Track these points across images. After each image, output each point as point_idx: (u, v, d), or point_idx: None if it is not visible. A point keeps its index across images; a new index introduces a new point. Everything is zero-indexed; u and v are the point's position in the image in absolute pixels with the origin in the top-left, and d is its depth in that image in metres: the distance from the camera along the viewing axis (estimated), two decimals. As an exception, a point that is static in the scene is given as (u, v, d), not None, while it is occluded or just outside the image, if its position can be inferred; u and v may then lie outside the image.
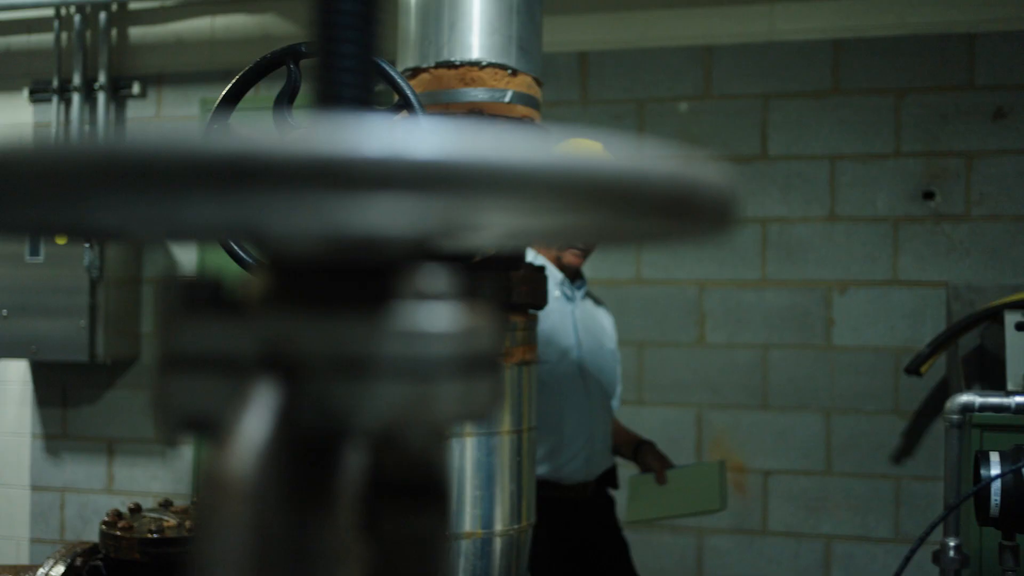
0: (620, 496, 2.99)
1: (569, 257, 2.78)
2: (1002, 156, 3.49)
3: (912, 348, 3.43)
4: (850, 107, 3.61)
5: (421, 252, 0.46)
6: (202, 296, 0.46)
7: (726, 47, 3.71)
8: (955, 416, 1.20)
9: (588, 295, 2.95)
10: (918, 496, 3.49)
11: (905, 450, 3.53)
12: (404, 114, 1.47)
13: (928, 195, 3.55)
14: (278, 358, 0.43)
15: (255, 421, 0.41)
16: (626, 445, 2.98)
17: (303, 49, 1.48)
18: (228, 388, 0.44)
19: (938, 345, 3.27)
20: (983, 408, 1.20)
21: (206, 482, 0.42)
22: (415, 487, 0.54)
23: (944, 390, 3.44)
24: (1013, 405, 1.19)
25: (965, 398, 1.21)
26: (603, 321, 2.96)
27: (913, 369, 3.29)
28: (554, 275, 2.76)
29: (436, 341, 0.44)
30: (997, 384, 2.94)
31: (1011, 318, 3.06)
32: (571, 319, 2.80)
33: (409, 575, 0.55)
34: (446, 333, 0.44)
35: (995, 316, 3.14)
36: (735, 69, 3.72)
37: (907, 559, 1.22)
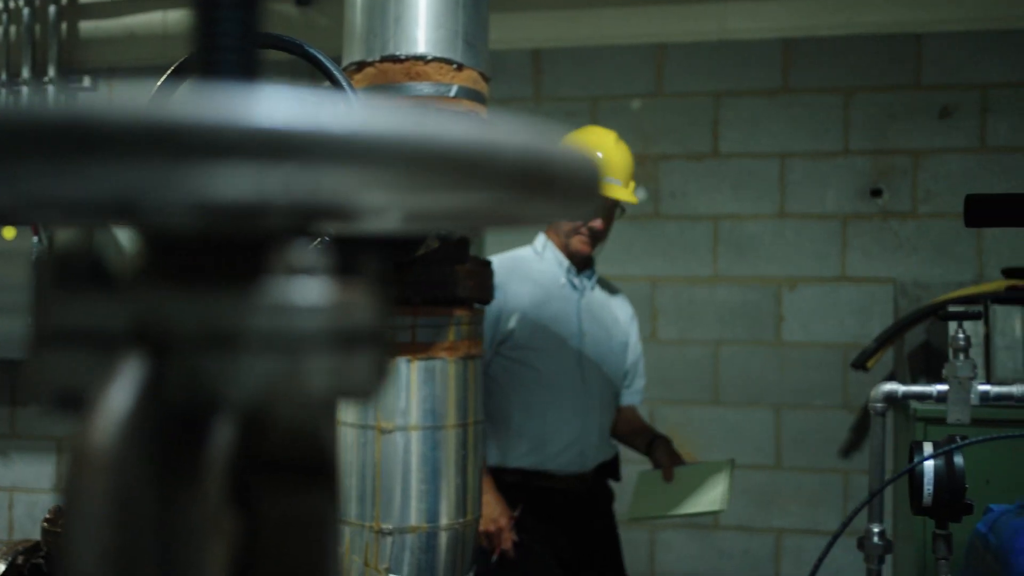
0: (621, 488, 2.96)
1: (576, 244, 2.73)
2: (948, 154, 3.55)
3: (860, 344, 3.48)
4: (800, 105, 3.65)
5: (295, 227, 0.46)
6: (77, 271, 0.46)
7: (678, 45, 3.74)
8: (879, 405, 1.22)
9: (604, 285, 2.91)
10: (866, 489, 3.52)
11: (853, 444, 3.57)
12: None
13: (876, 193, 3.60)
14: (147, 332, 0.43)
15: (120, 394, 0.41)
16: (641, 439, 2.90)
17: (239, 40, 1.47)
18: (99, 363, 0.44)
19: (884, 340, 3.32)
20: (906, 396, 1.22)
21: (70, 456, 0.41)
22: (299, 466, 0.54)
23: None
24: (935, 393, 1.21)
25: (888, 387, 1.23)
26: (616, 313, 2.89)
27: (860, 364, 3.34)
28: (560, 263, 2.77)
29: (305, 315, 0.44)
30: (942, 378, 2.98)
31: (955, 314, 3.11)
32: (575, 308, 2.76)
33: (294, 555, 0.55)
34: (315, 307, 0.44)
35: (940, 312, 3.18)
36: (687, 67, 3.74)
37: (829, 545, 1.24)
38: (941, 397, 1.21)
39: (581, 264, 2.79)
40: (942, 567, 1.68)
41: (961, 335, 1.20)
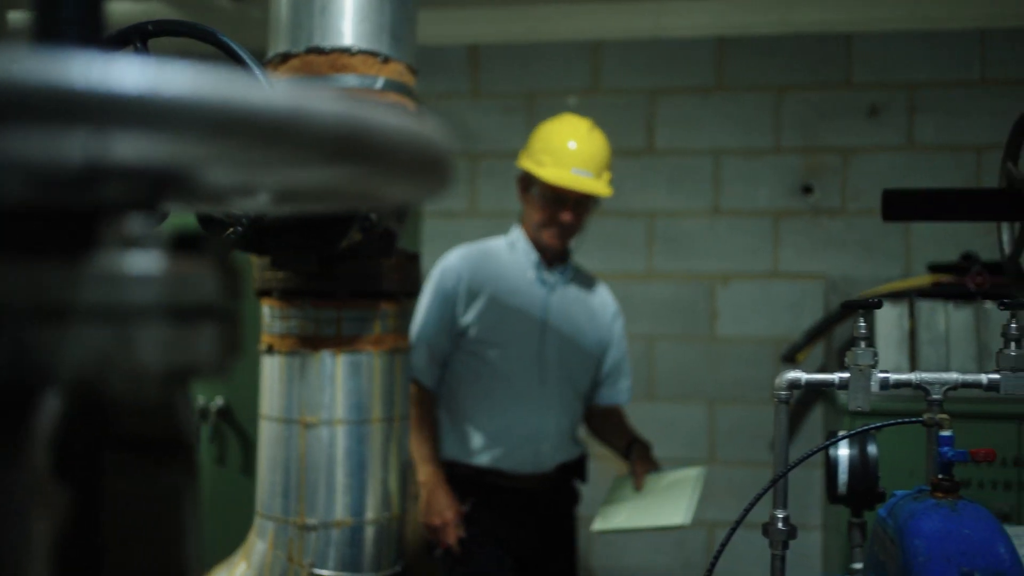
0: (593, 490, 2.92)
1: (546, 237, 2.61)
2: (877, 152, 3.61)
3: (792, 339, 3.53)
4: (733, 103, 3.69)
5: (130, 199, 0.46)
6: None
7: (614, 42, 3.76)
8: (783, 392, 1.24)
9: (584, 280, 2.79)
10: (795, 482, 3.57)
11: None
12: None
13: (807, 190, 3.65)
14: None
15: (-61, 366, 0.41)
16: (620, 442, 2.78)
17: (150, 28, 1.45)
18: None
19: (813, 335, 3.37)
20: (808, 384, 1.24)
21: None
22: (150, 442, 0.53)
23: (821, 379, 3.54)
24: (837, 380, 1.24)
25: (792, 375, 1.25)
26: (595, 309, 2.76)
27: (789, 358, 3.38)
28: (529, 257, 2.66)
29: (137, 287, 0.43)
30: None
31: (882, 310, 3.17)
32: (541, 304, 2.64)
33: (145, 531, 0.54)
34: (147, 279, 0.43)
35: (843, 302, 3.24)
36: (623, 64, 3.77)
37: (731, 532, 1.26)
38: (842, 384, 1.23)
39: (553, 258, 2.69)
40: (856, 554, 1.71)
41: (862, 324, 1.23)
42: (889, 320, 3.16)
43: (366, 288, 2.07)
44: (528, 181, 2.64)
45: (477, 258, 2.67)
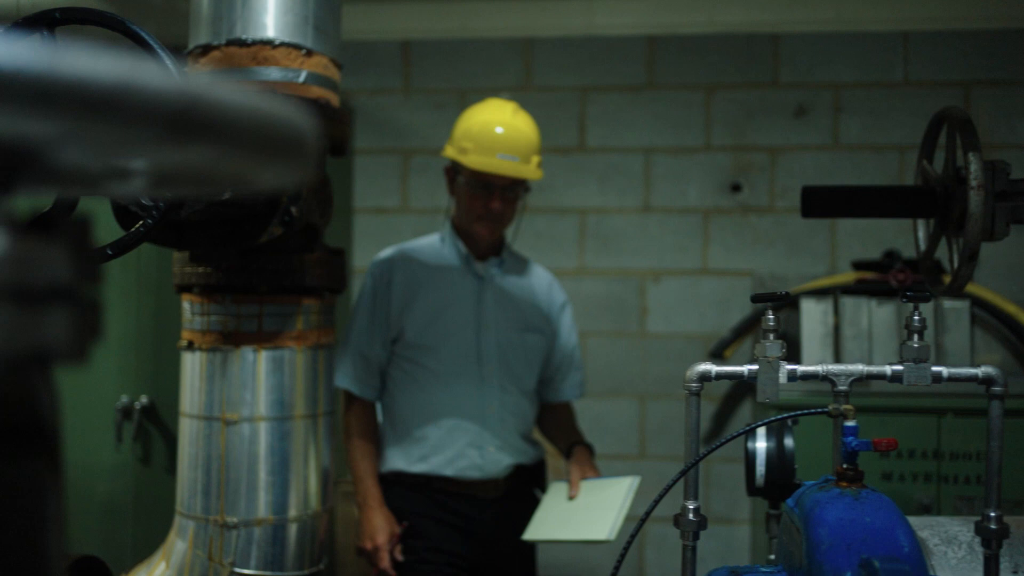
0: None
1: (476, 228, 2.49)
2: (803, 151, 3.67)
3: (720, 335, 3.57)
4: (664, 101, 3.73)
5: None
6: None
7: (546, 40, 3.77)
8: (693, 384, 1.25)
9: (523, 270, 2.65)
10: (725, 477, 3.63)
11: (714, 433, 3.67)
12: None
13: (736, 188, 3.70)
14: None
15: None
16: (563, 442, 2.63)
17: (57, 15, 1.42)
18: None
19: (740, 331, 3.41)
20: (719, 376, 1.25)
21: None
22: (5, 430, 0.51)
23: (749, 375, 3.59)
24: (746, 373, 1.25)
25: (702, 368, 1.26)
26: (537, 300, 2.62)
27: (717, 354, 3.43)
28: (458, 250, 2.54)
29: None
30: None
31: (807, 305, 3.23)
32: (473, 298, 2.52)
33: (2, 521, 0.52)
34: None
35: (794, 303, 3.29)
36: (555, 62, 3.78)
37: (641, 522, 1.27)
38: (751, 376, 1.25)
39: (487, 250, 2.57)
40: (774, 546, 1.74)
41: (770, 317, 1.24)
42: (814, 316, 3.21)
43: (288, 283, 2.05)
44: (455, 171, 2.53)
45: (406, 258, 2.55)
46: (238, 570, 2.01)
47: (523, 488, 2.58)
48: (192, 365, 2.09)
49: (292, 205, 1.89)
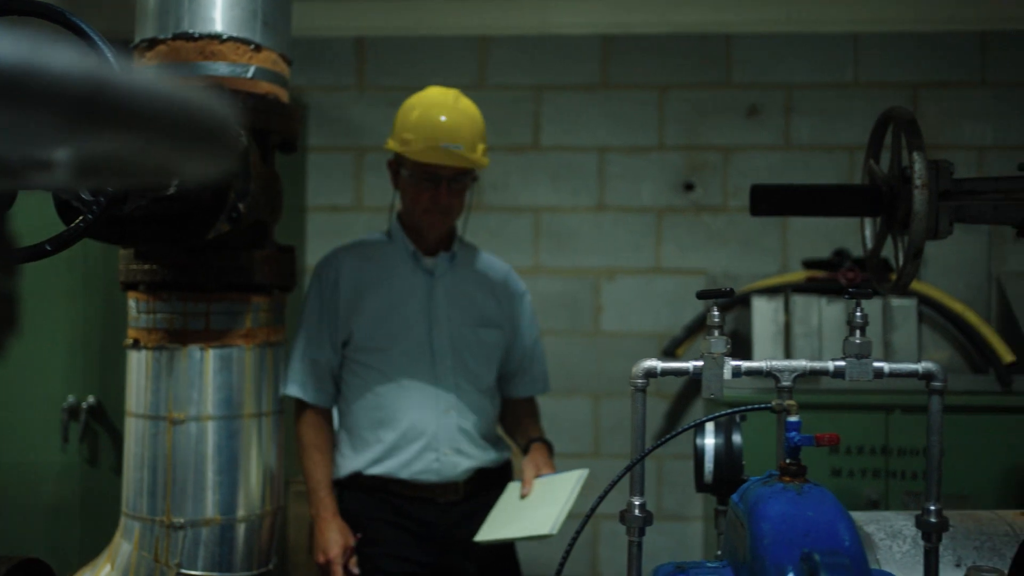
0: None
1: (424, 221, 2.41)
2: (755, 151, 3.70)
3: (674, 333, 3.59)
4: (618, 101, 3.74)
5: None
6: None
7: (501, 38, 3.77)
8: (639, 381, 1.26)
9: (475, 263, 2.55)
10: (678, 474, 3.65)
11: (667, 430, 3.69)
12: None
13: (689, 187, 3.72)
14: None
15: None
16: (522, 440, 2.55)
17: (-5, 5, 1.39)
18: None
19: (693, 329, 3.44)
20: (664, 372, 1.26)
21: None
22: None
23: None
24: (691, 369, 1.26)
25: (648, 364, 1.26)
26: (495, 292, 2.52)
27: (670, 352, 3.45)
28: (404, 247, 2.45)
29: None
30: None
31: (758, 303, 3.25)
32: (423, 295, 2.43)
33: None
34: None
35: (745, 301, 3.32)
36: (509, 60, 3.78)
37: (587, 518, 1.27)
38: (696, 372, 1.25)
39: (437, 244, 2.47)
40: (722, 542, 1.75)
41: (715, 314, 1.25)
42: (765, 315, 3.24)
43: (236, 281, 2.02)
44: (398, 164, 2.43)
45: (352, 257, 2.46)
46: (185, 571, 1.99)
47: (486, 491, 2.45)
48: (138, 364, 2.06)
49: (240, 201, 1.87)
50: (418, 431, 2.38)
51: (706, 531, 3.63)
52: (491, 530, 2.32)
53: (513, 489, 2.41)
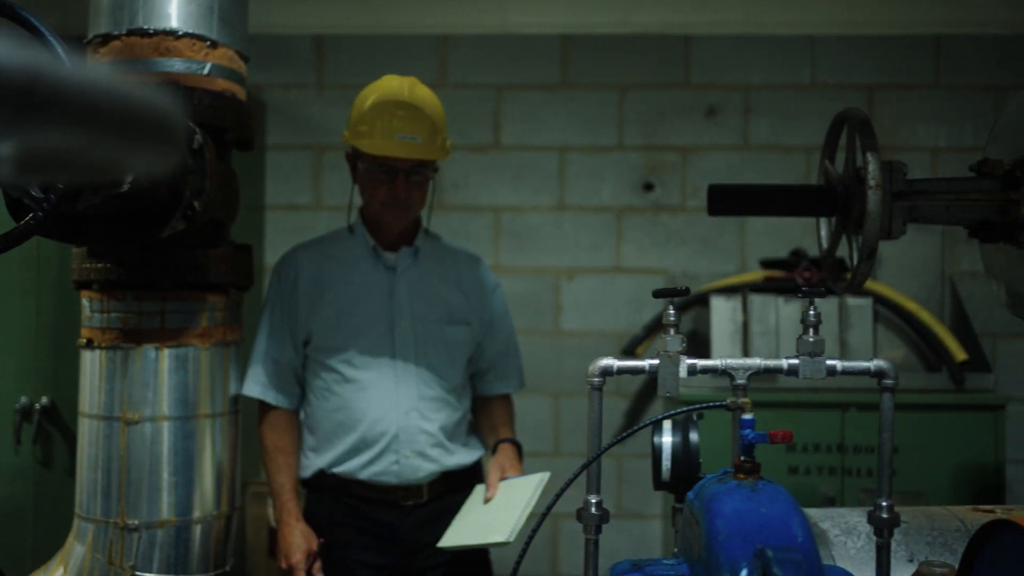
0: None
1: (384, 216, 2.32)
2: (713, 151, 3.73)
3: (634, 332, 3.61)
4: (578, 101, 3.75)
5: None
6: None
7: (462, 37, 3.76)
8: (596, 379, 1.26)
9: (442, 256, 2.45)
10: (637, 472, 3.67)
11: (626, 429, 3.70)
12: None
13: (648, 187, 3.74)
14: None
15: None
16: (492, 440, 2.45)
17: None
18: None
19: (652, 328, 3.46)
20: (620, 371, 1.27)
21: None
22: None
23: (661, 371, 3.63)
24: (647, 367, 1.27)
25: (605, 362, 1.27)
26: (464, 286, 2.42)
27: (630, 351, 3.46)
28: (365, 242, 2.36)
29: None
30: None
31: (716, 303, 3.28)
32: (384, 292, 2.34)
33: None
34: None
35: (704, 301, 3.35)
36: (470, 59, 3.77)
37: (543, 515, 1.27)
38: (653, 371, 1.26)
39: (399, 239, 2.37)
40: (678, 539, 1.76)
41: (671, 312, 1.26)
42: (724, 314, 3.27)
43: (191, 279, 2.00)
44: (356, 157, 2.33)
45: (311, 254, 2.38)
46: (140, 574, 1.96)
47: (453, 493, 2.36)
48: (92, 364, 2.03)
49: (195, 199, 1.85)
50: (378, 433, 2.29)
51: (665, 529, 3.65)
52: (454, 536, 2.24)
53: (479, 492, 2.33)
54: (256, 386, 2.33)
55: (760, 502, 1.13)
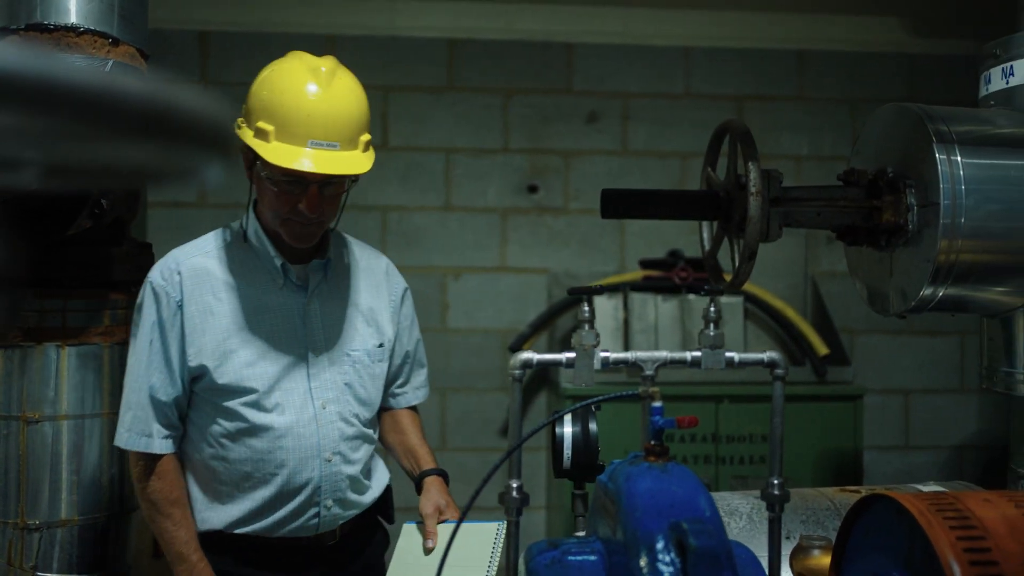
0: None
1: (286, 235, 1.86)
2: (595, 156, 3.88)
3: (518, 329, 3.72)
4: (464, 103, 3.84)
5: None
6: None
7: (349, 37, 3.79)
8: (517, 371, 1.35)
9: (355, 259, 2.05)
10: (525, 465, 3.77)
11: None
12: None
13: (532, 189, 3.86)
14: None
15: None
16: (411, 466, 2.09)
17: None
18: None
19: (538, 326, 3.57)
20: (540, 364, 1.36)
21: None
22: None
23: (547, 367, 3.76)
24: (564, 360, 1.36)
25: (525, 356, 1.36)
26: (379, 292, 2.04)
27: (516, 348, 3.57)
28: (270, 262, 1.90)
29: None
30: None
31: (598, 301, 3.42)
32: (295, 318, 1.91)
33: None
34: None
35: (568, 289, 3.48)
36: (357, 60, 3.77)
37: (465, 510, 1.35)
38: (569, 363, 1.36)
39: (305, 254, 1.93)
40: (580, 523, 1.86)
41: (586, 309, 1.36)
42: (606, 311, 3.41)
43: (95, 277, 2.00)
44: (255, 155, 1.82)
45: (199, 270, 1.88)
46: (41, 574, 1.94)
47: (368, 527, 2.07)
48: (-12, 363, 2.00)
49: (103, 197, 1.85)
50: (297, 485, 1.89)
51: (549, 519, 3.77)
52: None
53: (411, 536, 1.97)
54: (140, 438, 1.85)
55: (671, 481, 1.24)
